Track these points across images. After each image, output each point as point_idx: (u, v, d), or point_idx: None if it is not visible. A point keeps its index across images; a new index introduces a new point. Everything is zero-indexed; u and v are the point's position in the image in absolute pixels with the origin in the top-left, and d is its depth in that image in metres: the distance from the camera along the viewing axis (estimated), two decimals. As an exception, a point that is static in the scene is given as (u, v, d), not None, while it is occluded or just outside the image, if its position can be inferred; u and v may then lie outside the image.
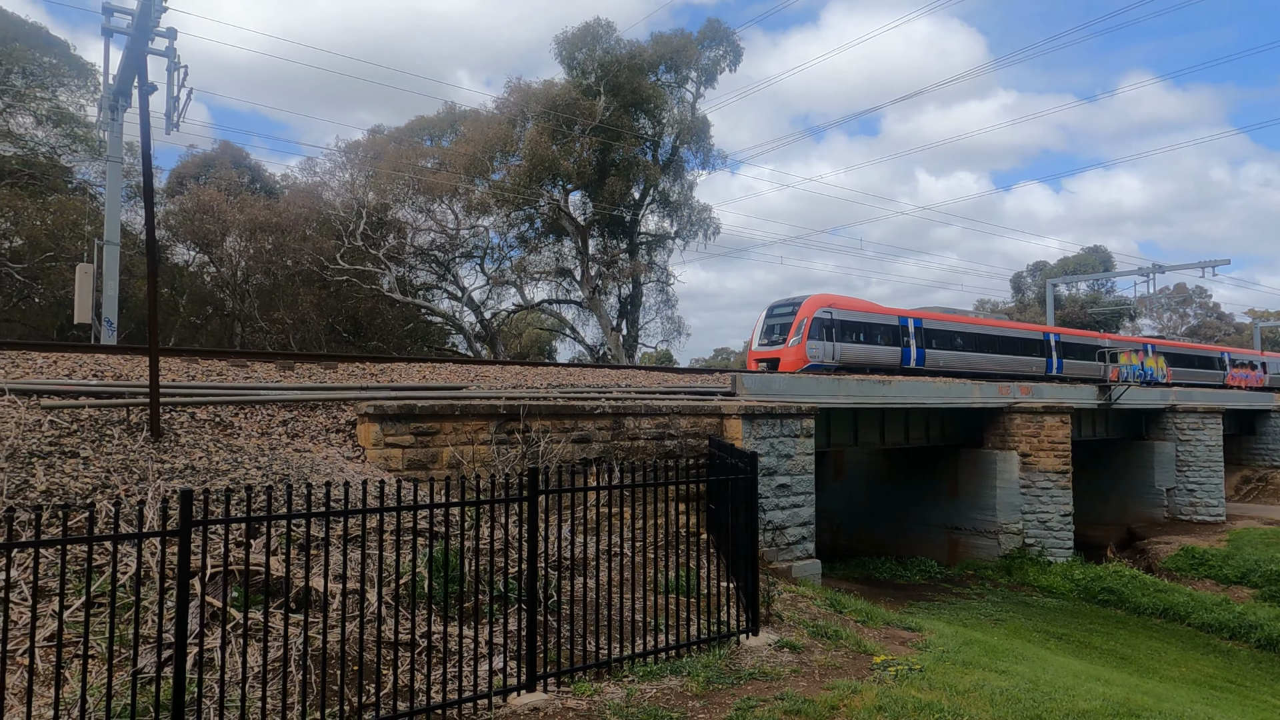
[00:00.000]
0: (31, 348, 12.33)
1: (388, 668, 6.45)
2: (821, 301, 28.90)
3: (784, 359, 27.72)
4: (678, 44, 44.01)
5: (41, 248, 30.74)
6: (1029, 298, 76.53)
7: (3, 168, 32.04)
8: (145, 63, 11.35)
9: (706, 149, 46.26)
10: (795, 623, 9.38)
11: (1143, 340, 44.99)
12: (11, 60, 33.37)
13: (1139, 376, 39.94)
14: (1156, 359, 42.36)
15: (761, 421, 14.71)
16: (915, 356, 30.73)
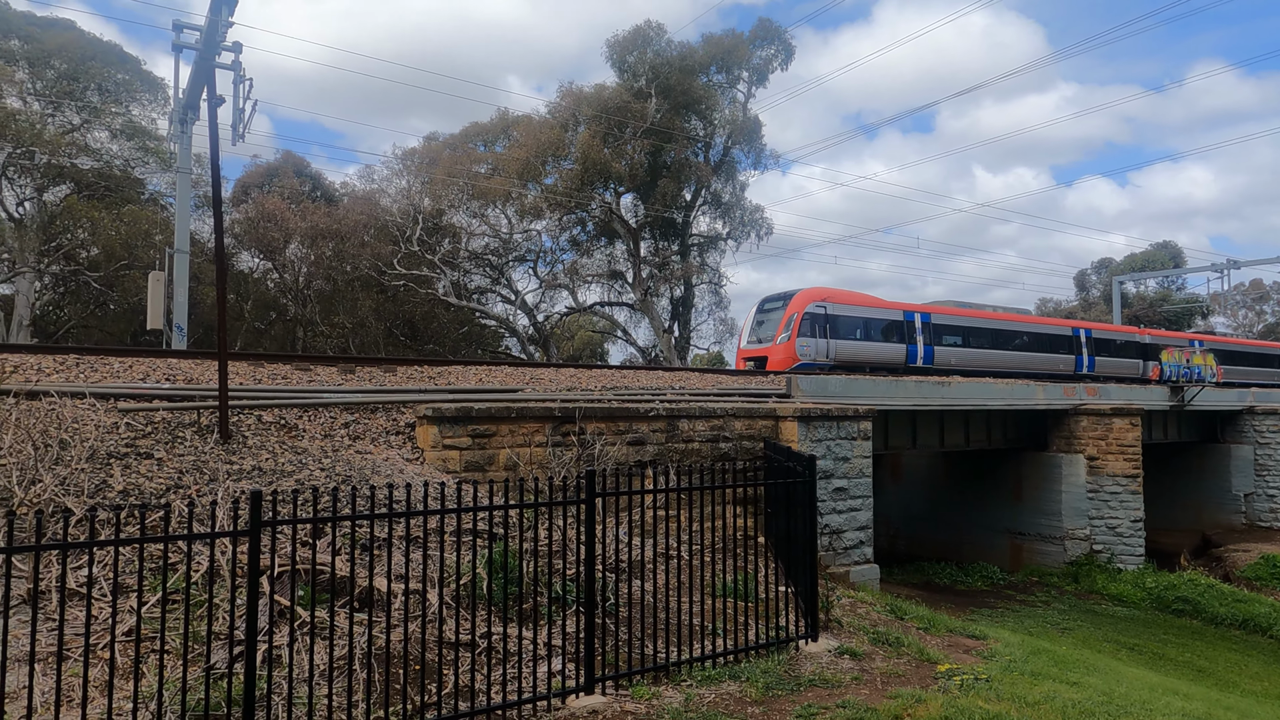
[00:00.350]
0: (108, 352, 12.82)
1: (448, 668, 6.52)
2: (814, 295, 26.99)
3: (771, 357, 25.84)
4: (729, 44, 43.79)
5: (116, 256, 32.02)
6: (1094, 296, 74.12)
7: (81, 180, 33.49)
8: (213, 76, 11.72)
9: (758, 149, 45.94)
10: (855, 629, 9.21)
11: (1189, 336, 41.76)
12: (88, 78, 34.87)
13: (1184, 375, 37.39)
14: (1205, 356, 39.28)
15: (817, 424, 14.52)
16: (922, 354, 28.68)
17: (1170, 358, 37.42)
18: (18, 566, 6.64)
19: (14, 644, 5.79)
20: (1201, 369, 38.76)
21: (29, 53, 34.24)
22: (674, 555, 9.89)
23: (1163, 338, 38.91)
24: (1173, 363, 37.41)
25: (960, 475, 27.47)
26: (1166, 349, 37.72)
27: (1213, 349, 40.30)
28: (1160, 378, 36.25)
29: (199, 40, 16.81)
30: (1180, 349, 38.53)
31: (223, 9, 15.06)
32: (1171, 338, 39.85)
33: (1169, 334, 41.04)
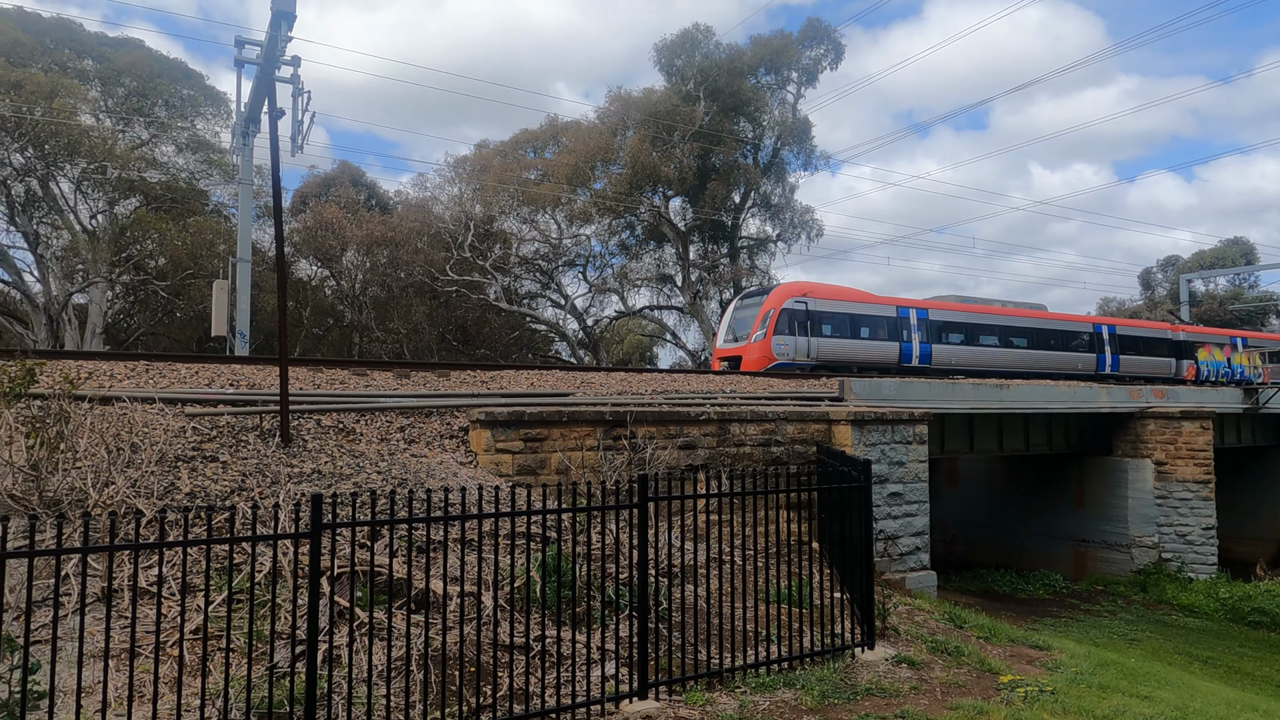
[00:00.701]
0: (176, 359, 13.27)
1: (503, 670, 6.57)
2: (793, 290, 25.38)
3: (746, 357, 24.18)
4: (777, 45, 43.51)
5: (182, 266, 33.16)
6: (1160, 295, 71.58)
7: (149, 193, 34.78)
8: (274, 90, 12.05)
9: (808, 150, 45.53)
10: (913, 637, 9.02)
11: (1231, 333, 38.76)
12: (156, 94, 36.22)
13: (1224, 374, 34.96)
14: (1249, 355, 36.74)
15: (871, 428, 14.28)
16: (918, 353, 26.93)
17: (1208, 356, 35.09)
18: (93, 565, 6.89)
19: (89, 640, 6.01)
20: (1244, 368, 36.35)
21: (101, 72, 35.72)
22: (726, 560, 9.82)
23: (1200, 334, 36.30)
24: (1211, 361, 35.06)
25: (1020, 480, 26.74)
26: (1204, 346, 35.25)
27: (1258, 347, 37.91)
28: (1196, 378, 34.12)
29: (259, 55, 17.35)
30: (1220, 346, 36.01)
31: (282, 24, 15.51)
32: (1210, 334, 37.05)
33: (1208, 330, 38.13)
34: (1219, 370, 35.25)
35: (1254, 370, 36.55)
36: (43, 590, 6.43)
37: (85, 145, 31.31)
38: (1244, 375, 35.97)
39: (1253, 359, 36.87)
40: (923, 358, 27.07)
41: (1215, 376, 34.81)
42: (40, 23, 35.52)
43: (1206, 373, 34.49)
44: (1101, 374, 31.30)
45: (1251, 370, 36.49)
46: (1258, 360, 37.01)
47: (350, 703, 5.46)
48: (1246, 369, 36.42)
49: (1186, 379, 33.65)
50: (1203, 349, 35.07)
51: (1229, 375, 35.43)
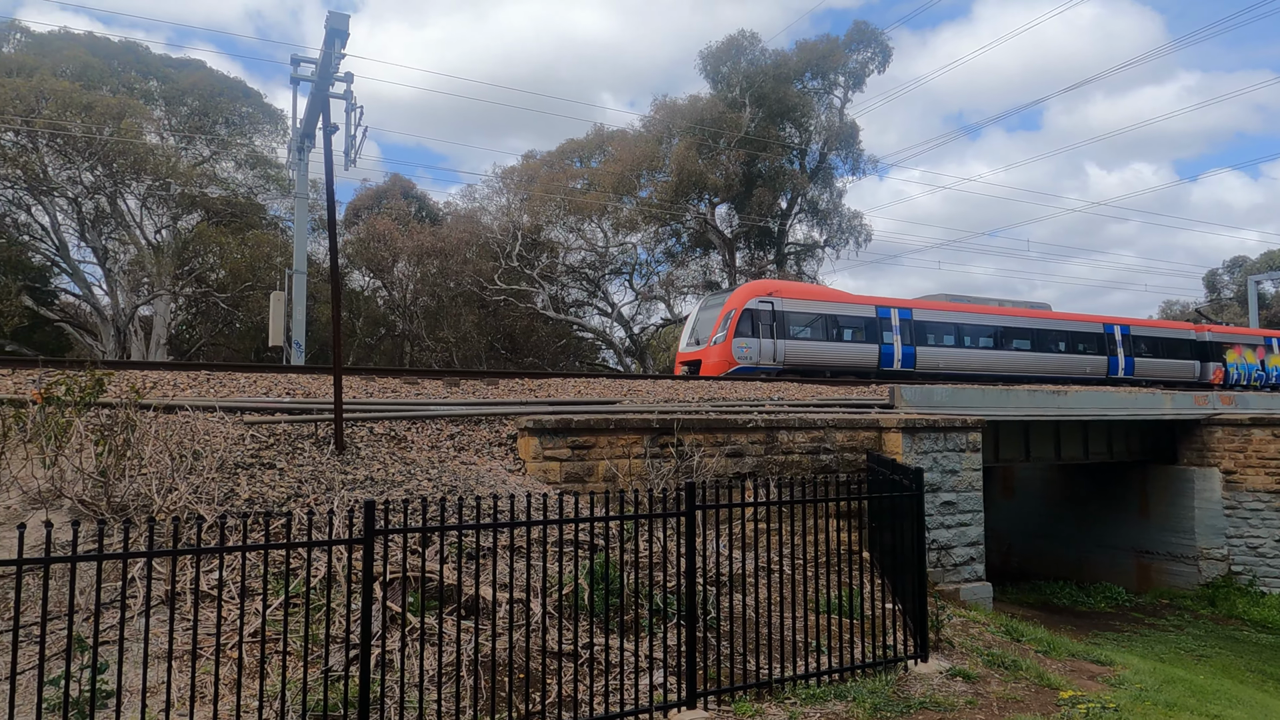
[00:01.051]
0: (235, 369, 13.66)
1: (551, 677, 6.60)
2: (759, 289, 23.70)
3: (705, 360, 22.64)
4: (823, 49, 43.22)
5: (241, 278, 34.18)
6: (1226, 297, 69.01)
7: (210, 208, 35.95)
8: (328, 106, 12.37)
9: (856, 154, 45.10)
10: (968, 650, 8.81)
11: (1265, 333, 35.57)
12: (217, 113, 37.47)
13: (1258, 378, 32.36)
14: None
15: (923, 435, 14.03)
16: (900, 356, 25.14)
17: (1238, 358, 32.40)
18: (157, 569, 7.12)
19: (153, 641, 6.21)
20: (1279, 371, 33.60)
21: (165, 92, 37.08)
22: (775, 569, 9.73)
23: (1229, 335, 33.58)
24: (1242, 364, 32.33)
25: (1079, 489, 25.96)
26: (1233, 348, 32.54)
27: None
28: (1225, 382, 31.66)
29: (314, 73, 17.83)
30: (1253, 347, 33.25)
31: (335, 42, 15.93)
32: (1241, 335, 34.29)
33: (1238, 330, 35.18)
34: (1251, 374, 32.70)
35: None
36: (110, 593, 6.66)
37: (150, 163, 32.52)
38: (1279, 378, 33.33)
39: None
40: (905, 361, 25.33)
41: (1247, 380, 32.30)
42: (109, 46, 37.05)
43: (1236, 376, 32.05)
44: (1114, 377, 29.53)
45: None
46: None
47: (403, 707, 5.54)
48: None
49: (1213, 383, 31.41)
50: (1232, 350, 32.54)
51: (1263, 379, 32.89)
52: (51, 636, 6.16)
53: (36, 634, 6.05)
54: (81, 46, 35.47)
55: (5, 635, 5.92)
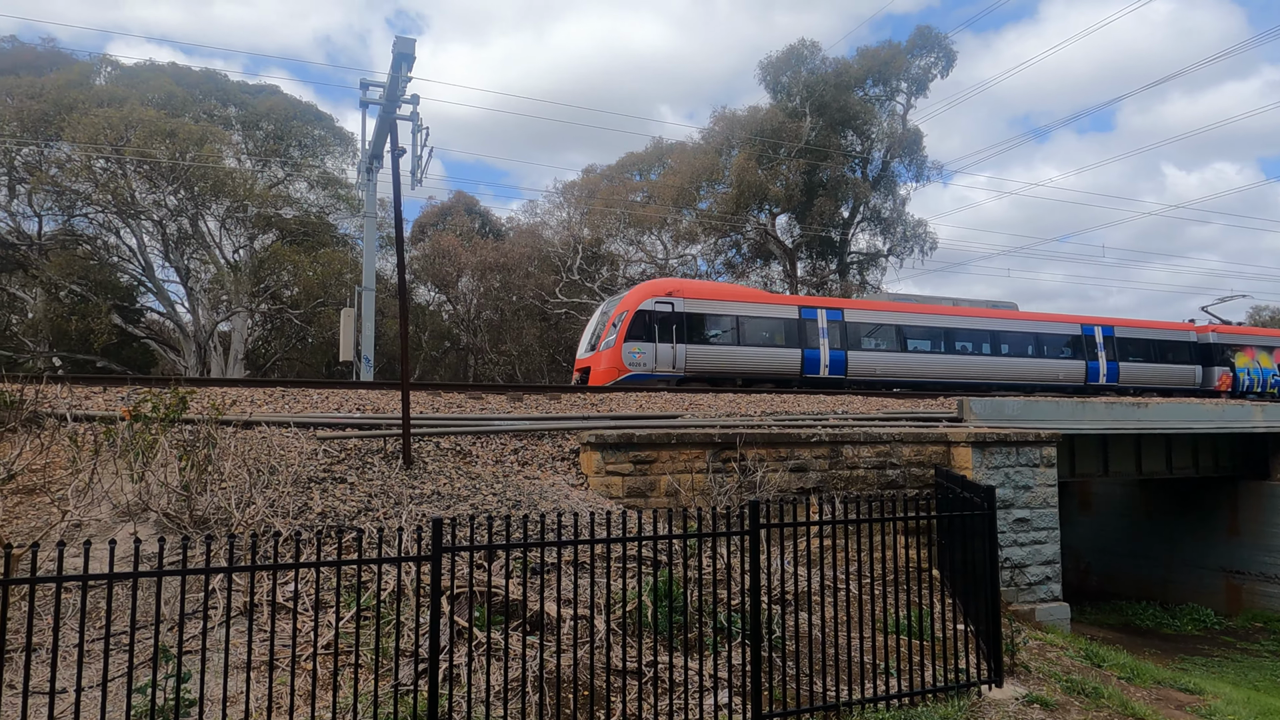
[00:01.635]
0: (308, 385, 14.10)
1: (615, 695, 6.59)
2: (656, 288, 21.37)
3: (594, 367, 20.78)
4: (885, 56, 42.65)
5: (313, 295, 35.33)
6: (1321, 302, 65.32)
7: (284, 228, 37.31)
8: (395, 128, 12.72)
9: (919, 161, 44.30)
10: (1045, 675, 8.49)
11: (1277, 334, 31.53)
12: (290, 136, 38.92)
13: (1276, 384, 29.13)
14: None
15: (994, 450, 13.62)
16: (827, 361, 22.59)
17: (1250, 362, 28.87)
18: (236, 581, 7.38)
19: (232, 652, 6.43)
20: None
21: (242, 117, 38.71)
22: (841, 587, 9.55)
23: (1239, 335, 29.83)
24: (1256, 369, 28.89)
25: (1162, 506, 24.83)
26: (1244, 350, 29.02)
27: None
28: (1234, 389, 28.39)
29: (382, 96, 18.38)
30: (1270, 350, 29.86)
31: (402, 65, 16.40)
32: (1255, 335, 30.50)
33: (1251, 331, 31.20)
34: (1269, 379, 29.31)
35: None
36: (192, 604, 6.92)
37: (229, 186, 33.93)
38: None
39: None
40: (834, 366, 22.82)
41: (1263, 387, 28.97)
42: (191, 76, 38.87)
43: (1248, 383, 28.73)
44: (1094, 385, 26.62)
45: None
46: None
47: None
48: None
49: (1219, 390, 28.39)
50: (1242, 354, 29.12)
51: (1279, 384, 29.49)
52: (138, 646, 6.43)
53: (125, 643, 6.33)
54: (166, 76, 37.29)
55: (97, 644, 6.20)
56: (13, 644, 6.26)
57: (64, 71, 35.01)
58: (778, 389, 19.05)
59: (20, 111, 31.63)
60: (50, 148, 32.57)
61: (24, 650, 5.04)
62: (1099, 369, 26.72)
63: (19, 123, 31.53)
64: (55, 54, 37.90)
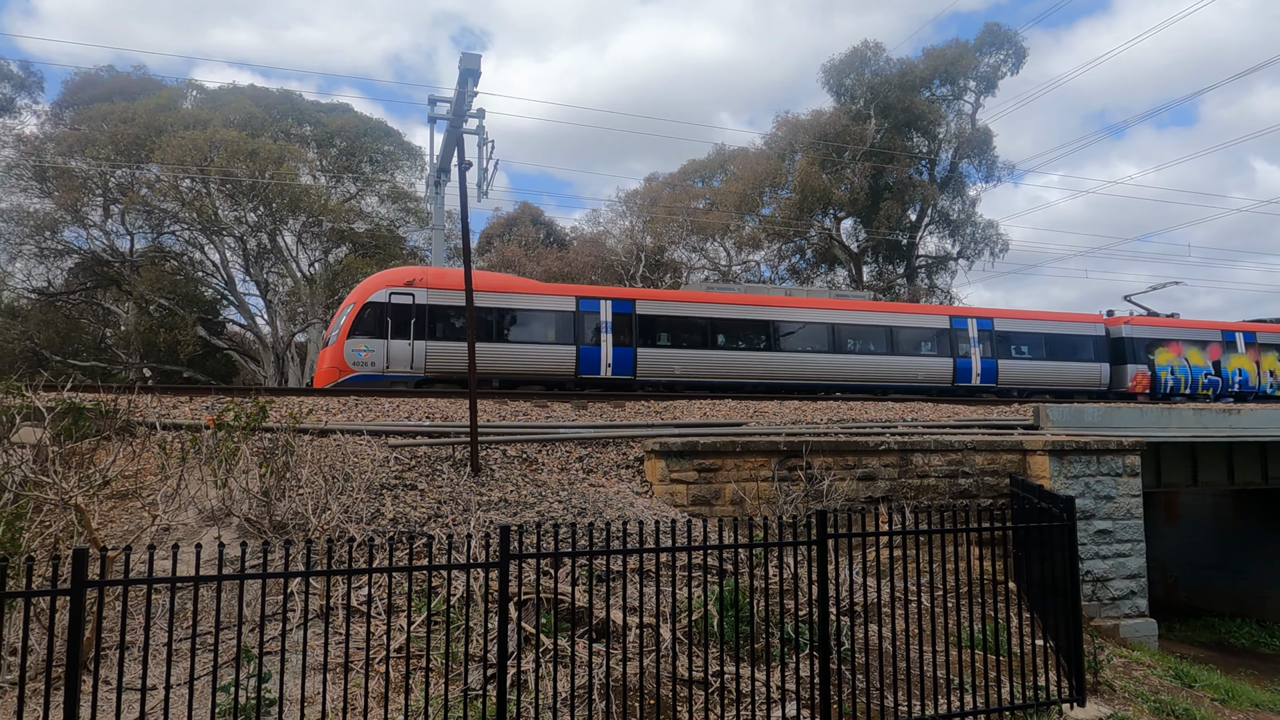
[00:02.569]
0: (380, 394, 14.48)
1: (681, 704, 6.56)
2: (394, 278, 18.90)
3: (319, 366, 18.89)
4: (952, 55, 41.71)
5: (384, 306, 36.27)
6: None
7: (356, 241, 38.48)
8: (462, 142, 13.00)
9: (989, 161, 43.11)
10: (1131, 694, 8.12)
11: (1221, 326, 26.94)
12: (362, 152, 40.16)
13: (1210, 384, 25.34)
14: (1258, 354, 26.25)
15: (1073, 458, 13.13)
16: (610, 360, 19.66)
17: (1174, 359, 25.03)
18: (313, 585, 7.61)
19: (309, 654, 6.63)
20: (1251, 375, 25.79)
21: (317, 135, 40.12)
22: (912, 599, 9.32)
23: (1159, 329, 25.76)
24: (1181, 367, 25.07)
25: (1258, 517, 23.50)
26: (1166, 346, 25.13)
27: None
28: (1153, 390, 24.66)
29: (449, 111, 18.81)
30: (1200, 345, 25.63)
31: (468, 81, 16.76)
32: (1180, 328, 26.22)
33: (1174, 323, 26.72)
34: (1198, 379, 25.30)
35: (1271, 380, 26.08)
36: (272, 605, 7.17)
37: (305, 202, 35.21)
38: (1255, 386, 25.56)
39: (1267, 362, 26.14)
40: (619, 366, 19.79)
41: (1192, 388, 25.11)
42: (269, 96, 40.50)
43: (1172, 383, 24.95)
44: (965, 385, 22.92)
45: (1265, 378, 25.90)
46: (1275, 363, 26.33)
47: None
48: (1254, 375, 25.58)
49: (1134, 392, 24.74)
50: (1165, 349, 25.30)
51: (1217, 386, 25.52)
52: (221, 646, 6.68)
53: (210, 643, 6.59)
54: (246, 98, 38.94)
55: (184, 643, 6.48)
56: (107, 642, 6.58)
57: (154, 96, 36.90)
58: (547, 393, 16.96)
59: (115, 136, 33.45)
60: (141, 169, 34.33)
61: (118, 648, 5.29)
62: (970, 367, 23.12)
63: (113, 146, 33.33)
64: (146, 80, 39.97)
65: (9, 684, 6.18)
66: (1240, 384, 25.84)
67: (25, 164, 34.11)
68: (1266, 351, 26.69)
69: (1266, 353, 26.66)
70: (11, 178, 34.62)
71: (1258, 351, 26.51)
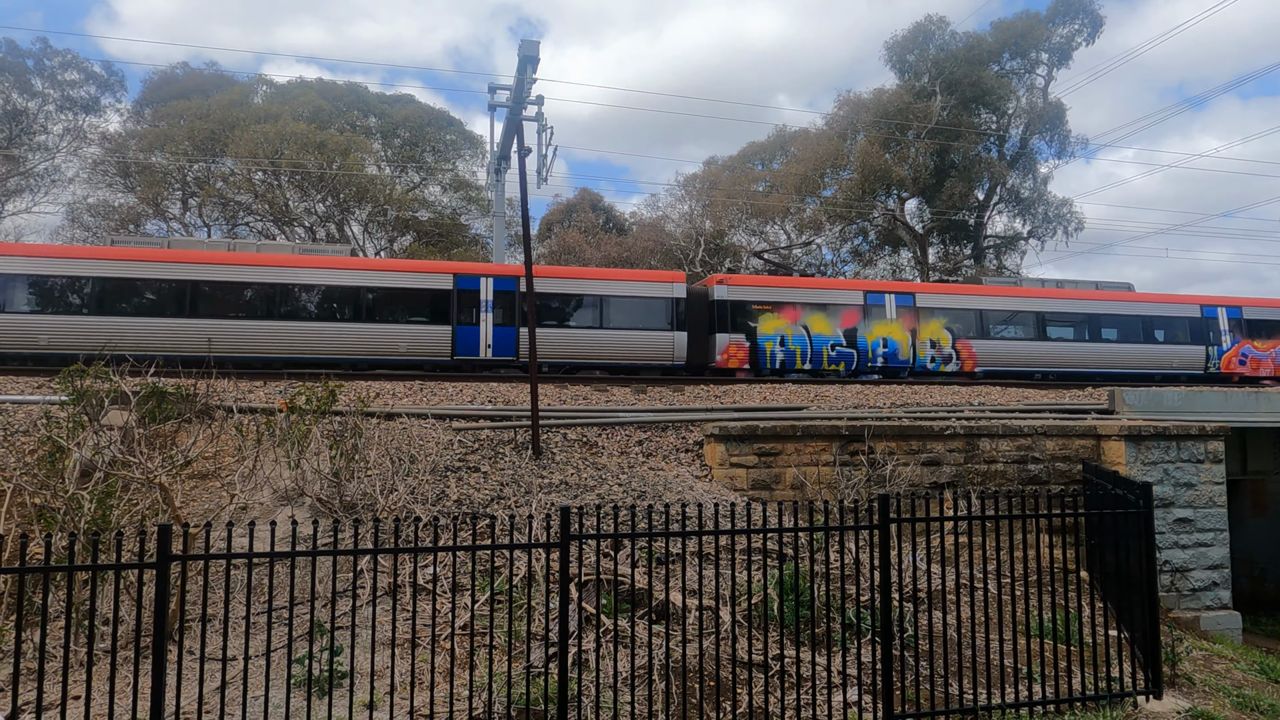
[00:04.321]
0: (444, 379, 14.78)
1: (741, 687, 6.57)
2: None
3: None
4: (1022, 27, 40.17)
5: (447, 293, 36.96)
6: None
7: (420, 230, 39.24)
8: (521, 130, 13.10)
9: (1062, 136, 41.41)
10: (1212, 689, 7.81)
11: (856, 285, 22.33)
12: (425, 142, 40.86)
13: (839, 358, 20.78)
14: (914, 320, 21.63)
15: (1151, 444, 12.62)
16: None
17: (786, 326, 20.50)
18: (381, 563, 7.84)
19: (378, 629, 6.84)
20: (901, 346, 21.31)
21: (381, 127, 40.97)
22: (978, 586, 9.12)
23: (767, 290, 21.38)
24: (797, 335, 20.51)
25: (1353, 507, 22.24)
26: (777, 312, 20.62)
27: (944, 309, 22.09)
28: (754, 364, 20.25)
29: (509, 98, 18.96)
30: (825, 309, 21.05)
31: (527, 67, 16.84)
32: (792, 289, 21.50)
33: (781, 282, 22.32)
34: (822, 351, 20.97)
35: (944, 354, 21.47)
36: (342, 583, 7.42)
37: (371, 191, 36.03)
38: (907, 359, 21.23)
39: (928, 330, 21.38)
40: None
41: (815, 362, 20.88)
42: (335, 89, 41.47)
43: (780, 357, 20.70)
44: (472, 359, 19.14)
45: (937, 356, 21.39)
46: (940, 334, 21.58)
47: (598, 706, 5.74)
48: (904, 348, 21.12)
49: (726, 366, 20.55)
50: (773, 314, 20.79)
51: (851, 359, 21.04)
52: (295, 620, 6.95)
53: (285, 617, 6.86)
54: (314, 92, 39.95)
55: (261, 617, 6.76)
56: (189, 614, 6.91)
57: (226, 92, 38.17)
58: (608, 378, 16.33)
59: (191, 131, 34.75)
60: (216, 163, 35.60)
61: (200, 620, 5.55)
62: (481, 336, 19.19)
63: (190, 141, 34.64)
64: (219, 77, 41.36)
65: (102, 652, 6.55)
66: (886, 357, 21.23)
67: (110, 161, 35.72)
68: (928, 318, 21.77)
69: (928, 319, 21.75)
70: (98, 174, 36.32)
71: (914, 317, 21.73)
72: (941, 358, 21.41)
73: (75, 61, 36.95)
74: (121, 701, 5.66)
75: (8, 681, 6.07)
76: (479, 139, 41.76)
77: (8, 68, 34.86)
